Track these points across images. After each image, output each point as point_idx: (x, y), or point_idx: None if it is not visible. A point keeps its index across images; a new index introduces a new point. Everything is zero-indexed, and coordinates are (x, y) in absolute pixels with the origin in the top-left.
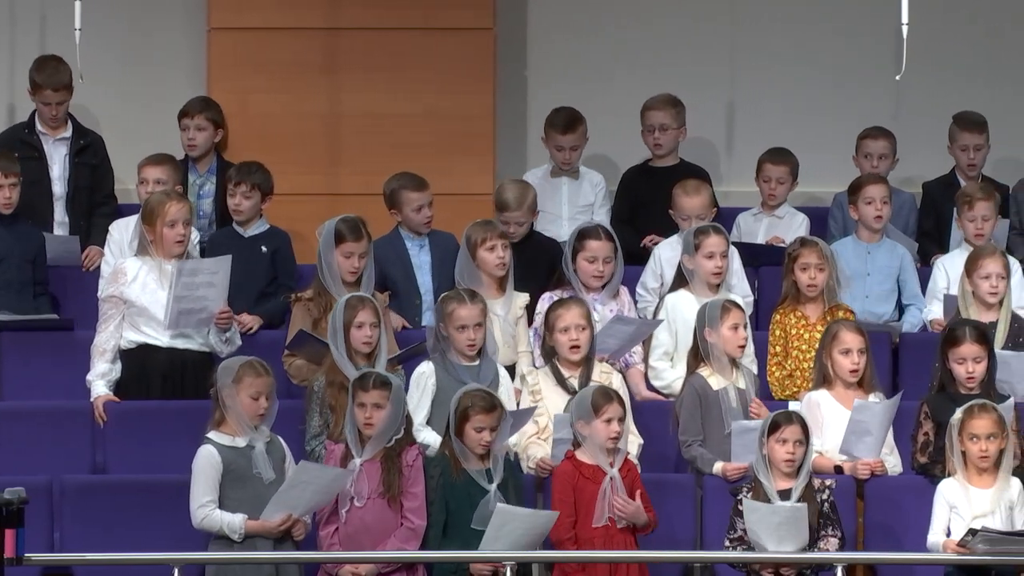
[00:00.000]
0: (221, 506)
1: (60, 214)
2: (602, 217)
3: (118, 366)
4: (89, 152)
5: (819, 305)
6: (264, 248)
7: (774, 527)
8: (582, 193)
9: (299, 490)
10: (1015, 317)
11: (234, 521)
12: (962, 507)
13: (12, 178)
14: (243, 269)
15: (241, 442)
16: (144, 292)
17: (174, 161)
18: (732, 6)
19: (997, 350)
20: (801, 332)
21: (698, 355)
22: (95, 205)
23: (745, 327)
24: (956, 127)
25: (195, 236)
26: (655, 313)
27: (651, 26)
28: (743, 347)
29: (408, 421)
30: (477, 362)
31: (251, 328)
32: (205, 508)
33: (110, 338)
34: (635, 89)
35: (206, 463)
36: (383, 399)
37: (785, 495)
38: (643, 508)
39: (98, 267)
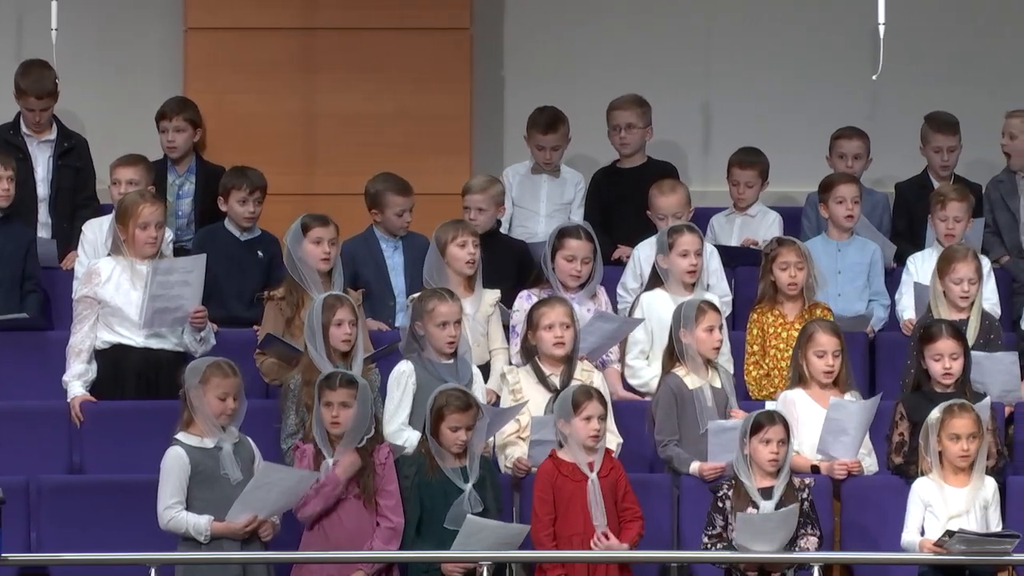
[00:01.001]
0: (190, 507)
1: (44, 215)
2: (579, 216)
3: (94, 366)
4: (73, 155)
5: (797, 304)
6: (261, 254)
7: (768, 532)
8: (561, 191)
9: (264, 491)
10: (985, 315)
11: (200, 522)
12: (937, 506)
13: (10, 171)
14: (239, 273)
15: (209, 443)
16: (118, 292)
17: (147, 161)
18: (708, 6)
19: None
20: (779, 331)
21: (673, 355)
22: (77, 207)
23: (721, 328)
24: (929, 128)
25: (168, 235)
26: (631, 312)
27: (627, 26)
28: (718, 349)
29: (377, 421)
30: (452, 361)
31: None
32: (171, 510)
33: (85, 338)
34: (611, 89)
35: (173, 464)
36: (350, 398)
37: (767, 494)
38: (628, 539)
39: (73, 268)
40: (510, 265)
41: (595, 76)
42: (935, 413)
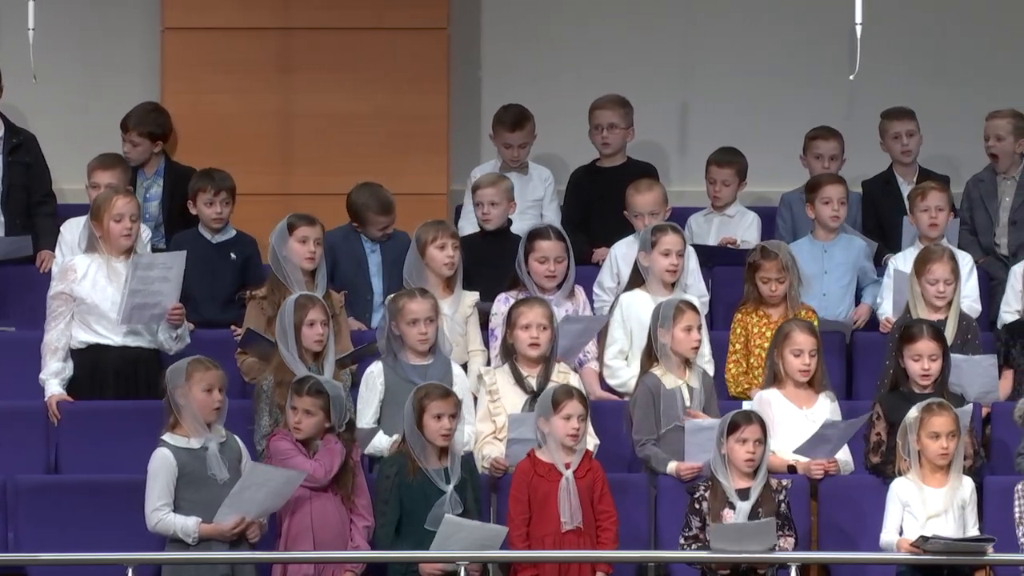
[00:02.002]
0: (178, 508)
1: None
2: (552, 213)
3: (70, 364)
4: (22, 150)
5: (781, 307)
6: (233, 255)
7: (743, 541)
8: (531, 188)
9: (251, 492)
10: (963, 315)
11: (187, 524)
12: (915, 506)
13: None
14: (211, 275)
15: (196, 444)
16: (94, 289)
17: (124, 163)
18: (686, 7)
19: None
20: (763, 331)
21: (651, 354)
22: (34, 204)
23: (699, 329)
24: (884, 121)
25: (146, 234)
26: (610, 312)
27: (604, 27)
28: (696, 348)
29: (352, 421)
30: (428, 360)
31: None
32: (159, 512)
33: (60, 336)
34: (588, 89)
35: (160, 466)
36: (314, 407)
37: (743, 494)
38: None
39: (51, 269)
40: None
41: (572, 76)
42: (913, 412)
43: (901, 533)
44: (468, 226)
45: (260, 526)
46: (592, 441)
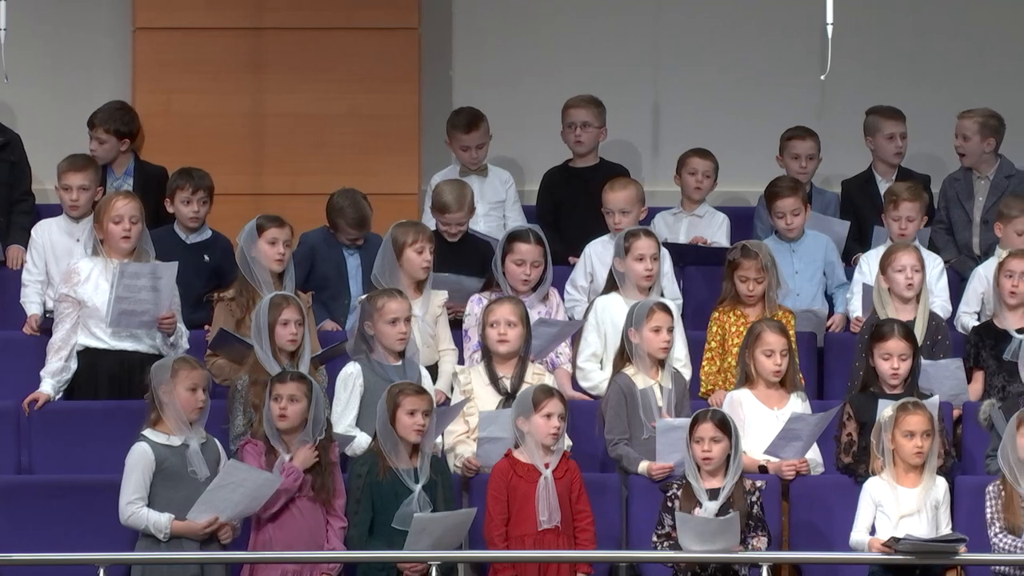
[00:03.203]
0: (153, 504)
1: None
2: (516, 215)
3: (73, 364)
4: (8, 150)
5: (759, 307)
6: (207, 257)
7: (708, 536)
8: (492, 190)
9: (228, 491)
10: (933, 316)
11: (160, 520)
12: (888, 506)
13: None
14: (184, 276)
15: (176, 440)
16: (96, 292)
17: (95, 163)
18: (657, 7)
19: None
20: (740, 330)
21: (624, 355)
22: (13, 202)
23: (670, 330)
24: (878, 117)
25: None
26: (585, 315)
27: (576, 26)
28: (665, 349)
29: (328, 423)
30: (400, 362)
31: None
32: (133, 505)
33: (66, 337)
34: (560, 89)
35: (138, 460)
36: (299, 392)
37: (714, 494)
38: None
39: (22, 266)
40: (476, 264)
41: (543, 76)
42: (888, 411)
43: (873, 532)
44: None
45: (233, 528)
46: (565, 442)
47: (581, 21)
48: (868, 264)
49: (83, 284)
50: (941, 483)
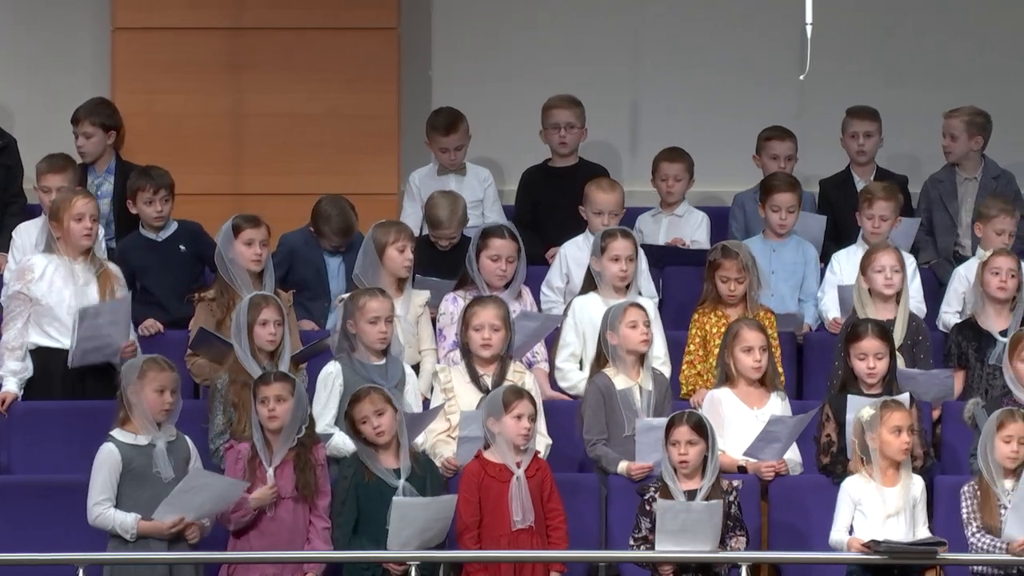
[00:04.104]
0: (120, 504)
1: None
2: (495, 214)
3: (29, 363)
4: (5, 153)
5: (739, 307)
6: (183, 247)
7: (690, 525)
8: (470, 189)
9: (192, 495)
10: (913, 316)
11: (126, 520)
12: (867, 505)
13: None
14: (167, 274)
15: (143, 440)
16: (51, 290)
17: (73, 164)
18: (636, 7)
19: (904, 368)
20: (721, 331)
21: (602, 356)
22: (7, 204)
23: (647, 324)
24: (847, 117)
25: (100, 232)
26: (563, 315)
27: (555, 26)
28: (645, 342)
29: (311, 420)
30: (383, 361)
31: None
32: (100, 506)
33: (19, 335)
34: (538, 88)
35: (105, 461)
36: (285, 391)
37: (692, 496)
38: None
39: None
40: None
41: (523, 76)
42: (869, 410)
43: (851, 532)
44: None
45: (201, 527)
46: (544, 441)
47: (560, 21)
48: (840, 264)
49: (37, 282)
50: (918, 481)
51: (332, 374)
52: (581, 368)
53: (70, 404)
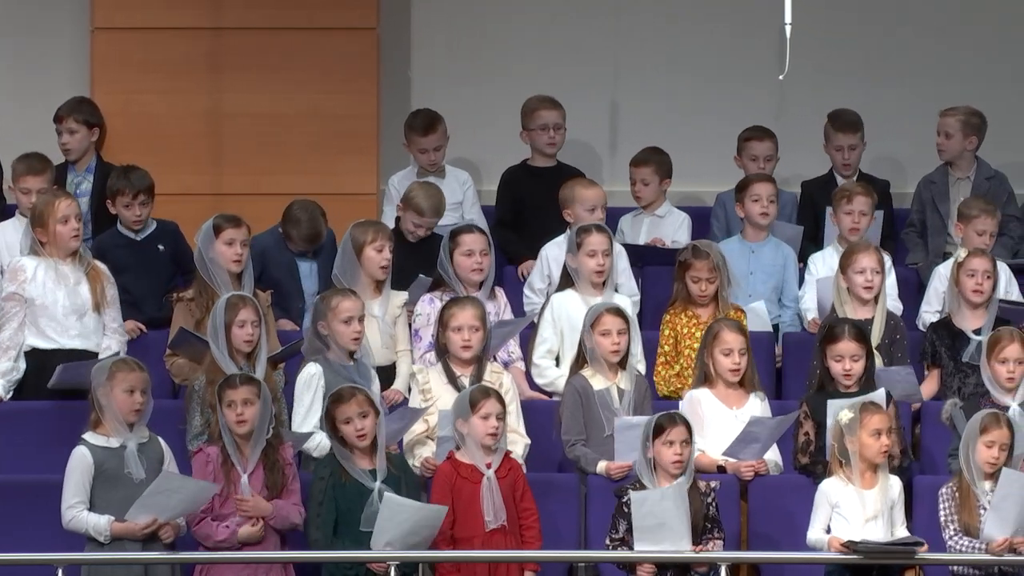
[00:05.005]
0: (93, 507)
1: None
2: (475, 216)
3: (21, 364)
4: None
5: (710, 307)
6: (161, 247)
7: (663, 514)
8: (450, 191)
9: (164, 497)
10: (890, 315)
11: (100, 522)
12: (845, 507)
13: None
14: (144, 273)
15: (115, 442)
16: (45, 291)
17: (51, 165)
18: (615, 7)
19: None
20: (692, 331)
21: (581, 357)
22: None
23: (620, 333)
24: (830, 127)
25: None
26: (540, 311)
27: (534, 27)
28: (616, 352)
29: (278, 420)
30: (352, 363)
31: None
32: (73, 509)
33: (14, 336)
34: (518, 89)
35: (77, 464)
36: (252, 395)
37: None
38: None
39: None
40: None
41: (502, 76)
42: (848, 413)
43: (828, 532)
44: None
45: (174, 527)
46: (523, 441)
47: (540, 21)
48: (816, 266)
49: (31, 282)
50: (896, 482)
51: (314, 375)
52: (558, 365)
53: (44, 404)
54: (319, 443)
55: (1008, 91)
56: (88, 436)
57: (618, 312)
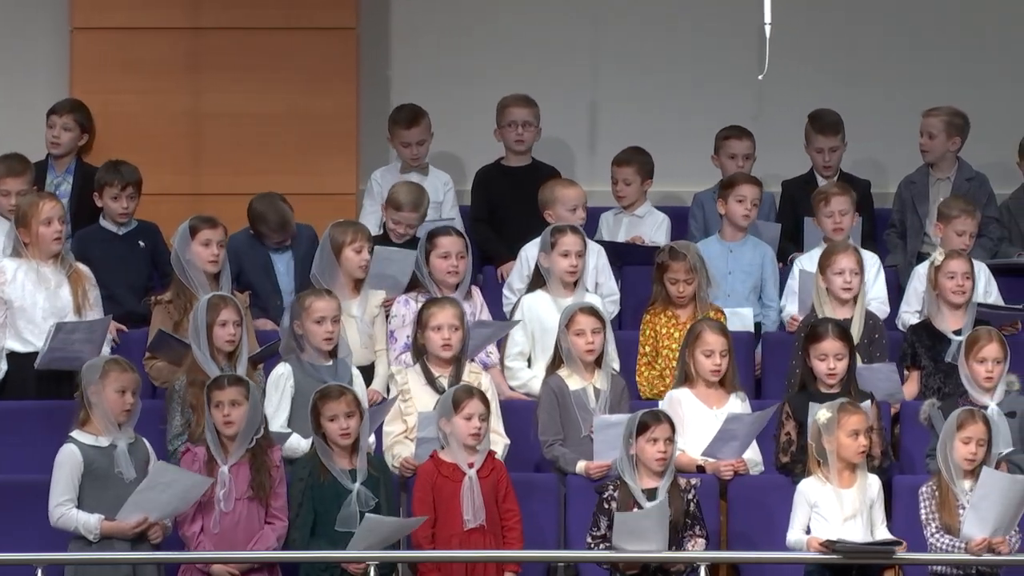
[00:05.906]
0: (82, 505)
1: None
2: (453, 217)
3: (3, 365)
4: None
5: (689, 307)
6: (142, 243)
7: (645, 531)
8: (432, 189)
9: (157, 492)
10: (869, 315)
11: (89, 521)
12: (824, 507)
13: None
14: (123, 268)
15: (104, 441)
16: (24, 294)
17: (31, 165)
18: (594, 6)
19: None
20: (671, 331)
21: (557, 357)
22: None
23: (595, 332)
24: (811, 129)
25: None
26: (511, 312)
27: (514, 26)
28: (591, 352)
29: (265, 421)
30: (331, 362)
31: None
32: (62, 507)
33: None
34: (497, 88)
35: (66, 461)
36: (240, 395)
37: (651, 495)
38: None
39: None
40: None
41: (481, 75)
42: (826, 413)
43: (808, 532)
44: (369, 227)
45: (163, 527)
46: (502, 441)
47: (518, 21)
48: (801, 267)
49: (10, 284)
50: (875, 481)
51: (283, 375)
52: (530, 366)
53: (29, 404)
54: (296, 444)
55: (988, 92)
56: (76, 434)
57: (592, 311)
